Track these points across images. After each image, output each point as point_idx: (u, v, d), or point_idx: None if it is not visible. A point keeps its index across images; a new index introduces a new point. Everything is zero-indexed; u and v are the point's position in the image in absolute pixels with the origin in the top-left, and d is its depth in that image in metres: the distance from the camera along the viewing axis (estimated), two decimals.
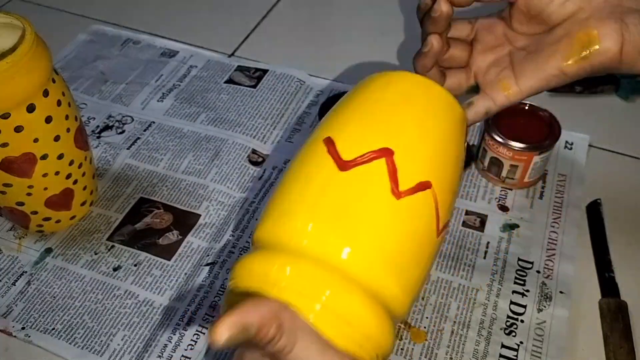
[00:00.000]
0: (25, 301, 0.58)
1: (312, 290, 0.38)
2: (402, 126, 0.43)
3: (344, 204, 0.41)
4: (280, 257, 0.40)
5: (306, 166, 0.44)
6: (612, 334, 0.54)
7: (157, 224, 0.64)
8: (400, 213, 0.41)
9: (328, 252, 0.39)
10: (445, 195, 0.43)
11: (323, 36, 0.89)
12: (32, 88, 0.52)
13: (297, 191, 0.42)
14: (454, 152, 0.45)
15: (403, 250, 0.41)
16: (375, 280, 0.40)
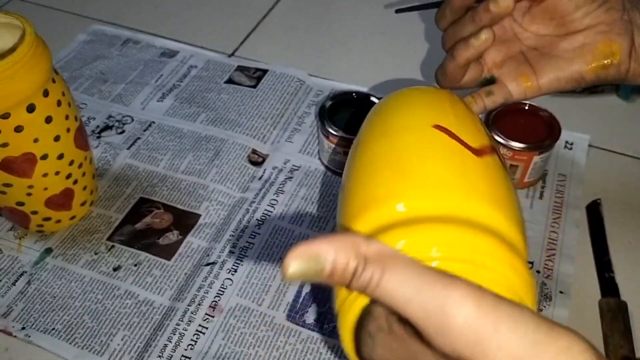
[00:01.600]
0: (26, 301, 0.58)
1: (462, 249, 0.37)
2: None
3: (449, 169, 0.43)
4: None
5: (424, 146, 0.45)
6: (612, 334, 0.54)
7: (157, 224, 0.64)
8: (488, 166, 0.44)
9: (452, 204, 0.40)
10: None
11: (323, 36, 0.89)
12: (32, 88, 0.52)
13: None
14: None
15: (503, 194, 0.42)
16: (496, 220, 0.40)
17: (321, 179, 0.68)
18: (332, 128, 0.64)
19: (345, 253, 0.29)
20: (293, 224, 0.64)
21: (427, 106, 0.49)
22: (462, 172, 0.42)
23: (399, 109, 0.50)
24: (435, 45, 0.86)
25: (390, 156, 0.44)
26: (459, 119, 0.47)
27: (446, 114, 0.47)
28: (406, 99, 0.51)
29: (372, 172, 0.44)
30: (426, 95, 0.52)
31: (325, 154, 0.67)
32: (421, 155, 0.43)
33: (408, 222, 0.39)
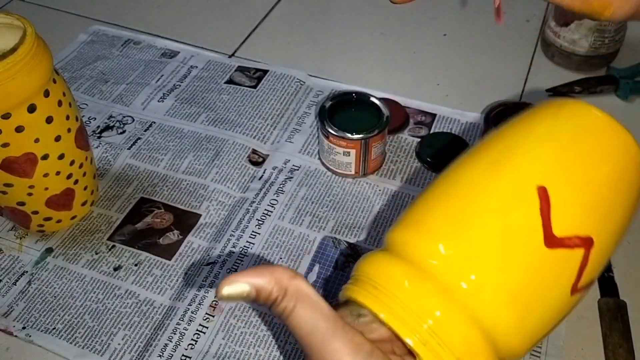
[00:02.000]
0: (26, 301, 0.58)
1: (419, 313, 0.38)
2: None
3: (492, 238, 0.39)
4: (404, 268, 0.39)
5: (504, 207, 0.40)
6: (611, 334, 0.54)
7: (158, 223, 0.64)
8: (542, 261, 0.39)
9: (459, 285, 0.38)
10: (599, 255, 0.41)
11: (323, 36, 0.89)
12: (32, 88, 0.52)
13: (477, 220, 0.40)
14: (631, 211, 0.43)
15: (531, 299, 0.39)
16: (494, 318, 0.38)
17: (321, 179, 0.68)
18: (332, 128, 0.64)
19: (270, 284, 0.35)
20: (293, 224, 0.64)
21: (561, 149, 0.42)
22: (513, 264, 0.38)
23: (531, 139, 0.43)
24: (435, 45, 0.86)
25: (469, 194, 0.41)
26: (579, 190, 0.40)
27: (570, 175, 0.40)
28: (555, 125, 0.44)
29: (448, 195, 0.42)
30: (581, 129, 0.43)
31: (325, 154, 0.67)
32: (492, 217, 0.39)
33: (426, 272, 0.39)
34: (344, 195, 0.66)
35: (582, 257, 0.39)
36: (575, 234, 0.39)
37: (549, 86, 0.77)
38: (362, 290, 0.40)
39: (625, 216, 0.43)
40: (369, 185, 0.67)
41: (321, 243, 0.62)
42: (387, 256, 0.41)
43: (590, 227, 0.40)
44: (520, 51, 0.84)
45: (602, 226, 0.41)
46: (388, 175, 0.68)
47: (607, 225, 0.41)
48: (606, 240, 0.41)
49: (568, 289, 0.40)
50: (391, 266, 0.40)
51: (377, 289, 0.39)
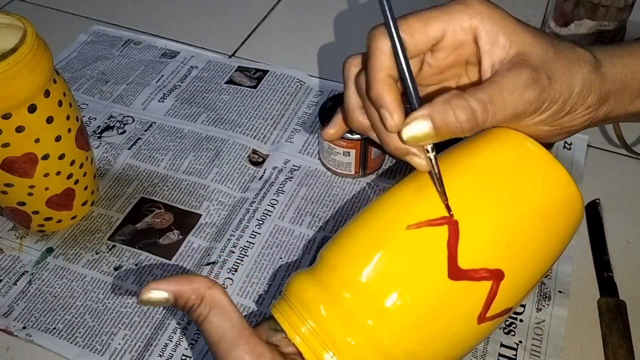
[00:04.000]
0: (27, 301, 0.59)
1: (329, 340, 0.40)
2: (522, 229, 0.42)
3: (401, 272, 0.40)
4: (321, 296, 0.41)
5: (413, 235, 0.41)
6: (610, 334, 0.54)
7: (158, 223, 0.64)
8: (446, 293, 0.40)
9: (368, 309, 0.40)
10: (514, 287, 0.42)
11: (323, 36, 0.89)
12: (33, 88, 0.52)
13: (382, 242, 0.41)
14: (556, 247, 0.44)
15: (434, 328, 0.40)
16: (397, 346, 0.40)
17: (321, 179, 0.68)
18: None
19: (188, 292, 0.39)
20: (293, 224, 0.64)
21: (482, 181, 0.42)
22: (417, 295, 0.40)
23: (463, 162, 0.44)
24: None
25: (385, 222, 0.42)
26: (493, 223, 0.41)
27: (485, 209, 0.41)
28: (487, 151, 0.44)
29: (369, 222, 0.43)
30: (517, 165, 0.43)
31: (325, 154, 0.67)
32: (402, 249, 0.41)
33: (338, 302, 0.41)
34: (344, 195, 0.67)
35: (489, 288, 0.40)
36: (483, 267, 0.40)
37: None
38: (280, 308, 0.42)
39: (548, 249, 0.43)
40: (369, 185, 0.67)
41: (321, 243, 0.62)
42: (309, 280, 0.42)
43: (501, 260, 0.40)
44: None
45: (516, 259, 0.41)
46: (388, 175, 0.69)
47: (522, 259, 0.42)
48: (522, 272, 0.42)
49: (474, 319, 0.41)
50: (308, 291, 0.42)
51: (291, 309, 0.41)
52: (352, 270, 0.41)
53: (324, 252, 0.44)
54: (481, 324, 0.41)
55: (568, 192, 0.44)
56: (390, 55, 0.41)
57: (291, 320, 0.41)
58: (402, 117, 0.40)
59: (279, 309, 0.42)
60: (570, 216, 0.44)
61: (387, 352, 0.40)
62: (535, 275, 0.43)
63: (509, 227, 0.41)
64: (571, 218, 0.44)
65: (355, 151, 0.65)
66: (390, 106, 0.40)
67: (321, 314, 0.40)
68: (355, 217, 0.45)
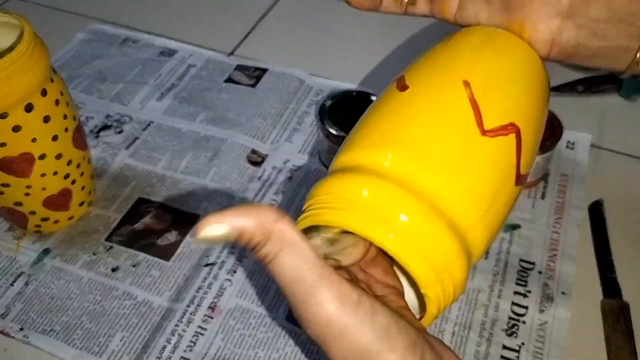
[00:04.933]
0: (24, 302, 0.58)
1: (388, 215, 0.37)
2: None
3: (436, 137, 0.40)
4: (361, 178, 0.39)
5: (440, 108, 0.42)
6: (614, 335, 0.54)
7: (156, 224, 0.64)
8: (484, 150, 0.40)
9: (415, 177, 0.39)
10: (530, 142, 0.43)
11: (323, 35, 0.88)
12: (30, 87, 0.52)
13: (421, 125, 0.41)
14: (542, 107, 0.46)
15: (486, 188, 0.40)
16: (459, 211, 0.39)
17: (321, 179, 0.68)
18: (332, 128, 0.64)
19: (253, 227, 0.33)
20: None
21: (478, 52, 0.45)
22: (456, 150, 0.40)
23: (450, 46, 0.46)
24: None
25: (404, 103, 0.42)
26: (498, 85, 0.43)
27: (488, 73, 0.43)
28: (469, 37, 0.47)
29: (383, 112, 0.43)
30: (493, 41, 0.46)
31: (325, 154, 0.67)
32: (429, 116, 0.41)
33: (381, 175, 0.39)
34: None
35: (515, 142, 0.41)
36: (508, 122, 0.41)
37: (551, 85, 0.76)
38: (327, 211, 0.39)
39: (539, 103, 0.45)
40: None
41: None
42: (339, 174, 0.40)
43: (517, 115, 0.42)
44: None
45: (524, 113, 0.43)
46: None
47: (527, 112, 0.43)
48: (529, 125, 0.43)
49: (513, 176, 0.42)
50: (347, 180, 0.39)
51: (339, 204, 0.38)
52: (384, 148, 0.40)
53: (345, 155, 0.42)
54: (518, 183, 0.42)
55: (536, 61, 0.46)
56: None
57: (345, 213, 0.38)
58: None
59: (323, 212, 0.39)
60: (543, 78, 0.47)
61: (446, 214, 0.39)
62: (538, 129, 0.45)
63: (514, 85, 0.43)
64: (543, 82, 0.47)
65: None
66: None
67: (368, 195, 0.38)
68: (366, 118, 0.44)
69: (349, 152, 0.42)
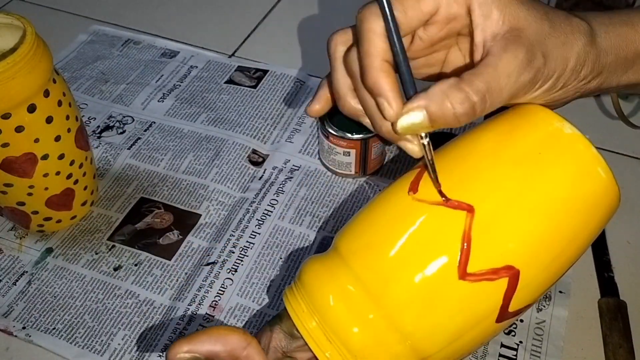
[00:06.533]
0: (26, 301, 0.58)
1: (342, 329, 0.39)
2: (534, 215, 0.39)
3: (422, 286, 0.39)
4: (334, 283, 0.41)
5: (430, 230, 0.39)
6: (611, 334, 0.54)
7: (158, 223, 0.64)
8: (456, 294, 0.38)
9: (382, 299, 0.40)
10: (534, 283, 0.40)
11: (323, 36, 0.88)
12: (32, 88, 0.52)
13: (401, 238, 0.40)
14: (581, 241, 0.41)
15: (451, 326, 0.39)
16: (418, 340, 0.40)
17: (321, 179, 0.68)
18: (332, 128, 0.64)
19: (223, 353, 0.38)
20: (293, 224, 0.64)
21: (512, 162, 0.40)
22: (426, 287, 0.38)
23: (482, 141, 0.43)
24: None
25: (403, 212, 0.41)
26: (514, 216, 0.39)
27: (510, 197, 0.39)
28: (517, 134, 0.42)
29: (383, 213, 0.43)
30: (548, 147, 0.41)
31: (325, 154, 0.67)
32: (415, 241, 0.40)
33: (354, 283, 0.40)
34: (344, 195, 0.66)
35: (505, 287, 0.38)
36: (497, 266, 0.38)
37: None
38: (295, 306, 0.41)
39: (574, 244, 0.41)
40: (368, 185, 0.67)
41: (321, 243, 0.62)
42: (326, 269, 0.42)
43: (519, 258, 0.38)
44: None
45: (536, 257, 0.39)
46: (388, 175, 0.68)
47: (542, 257, 0.39)
48: (544, 264, 0.40)
49: (492, 320, 0.40)
50: (325, 283, 0.41)
51: (307, 304, 0.41)
52: (362, 265, 0.40)
53: (337, 241, 0.43)
54: (500, 322, 0.40)
55: (603, 183, 0.41)
56: (383, 37, 0.39)
57: (302, 318, 0.40)
58: (400, 106, 0.38)
59: (292, 308, 0.41)
60: (604, 208, 0.42)
61: (394, 351, 0.39)
62: (557, 271, 0.41)
63: (529, 222, 0.39)
64: (604, 210, 0.42)
65: (355, 151, 0.65)
66: (388, 95, 0.38)
67: (330, 305, 0.40)
68: (369, 206, 0.44)
69: (347, 239, 0.43)
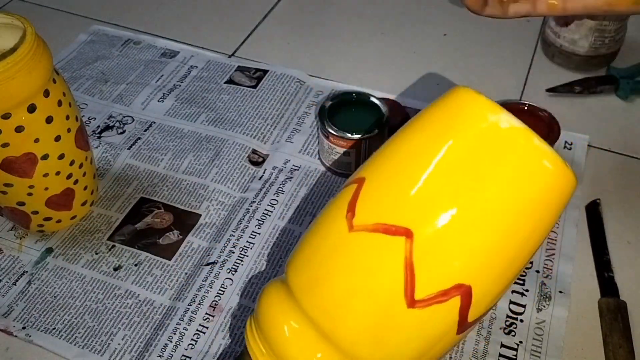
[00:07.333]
0: (26, 301, 0.58)
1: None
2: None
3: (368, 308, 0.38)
4: (285, 319, 0.42)
5: (367, 253, 0.38)
6: (611, 334, 0.54)
7: (158, 223, 0.64)
8: (407, 322, 0.38)
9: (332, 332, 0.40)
10: (489, 292, 0.38)
11: (323, 36, 0.89)
12: (32, 88, 0.52)
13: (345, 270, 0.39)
14: (533, 239, 0.39)
15: (407, 352, 0.39)
16: None
17: (321, 179, 0.68)
18: (332, 128, 0.64)
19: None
20: (293, 224, 0.64)
21: (451, 171, 0.37)
22: (374, 320, 0.38)
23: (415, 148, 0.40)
24: (435, 45, 0.86)
25: (342, 245, 0.40)
26: (459, 233, 0.36)
27: (448, 215, 0.36)
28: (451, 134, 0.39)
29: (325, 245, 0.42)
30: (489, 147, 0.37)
31: (325, 154, 0.67)
32: (357, 274, 0.39)
33: (305, 316, 0.41)
34: None
35: (459, 305, 0.37)
36: (453, 284, 0.36)
37: (549, 86, 0.77)
38: (253, 345, 0.43)
39: (526, 241, 0.38)
40: None
41: None
42: (279, 305, 0.43)
43: (469, 275, 0.37)
44: (520, 51, 0.84)
45: (486, 268, 0.37)
46: None
47: (499, 259, 0.37)
48: (496, 275, 0.38)
49: (453, 331, 0.39)
50: (278, 322, 0.42)
51: (264, 340, 0.42)
52: (310, 303, 0.41)
53: (288, 271, 0.44)
54: (462, 333, 0.40)
55: (552, 175, 0.37)
56: None
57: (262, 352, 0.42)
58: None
59: (250, 342, 0.43)
60: (557, 199, 0.38)
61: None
62: (515, 272, 0.39)
63: (474, 235, 0.36)
64: (558, 200, 0.38)
65: (355, 151, 0.65)
66: None
67: (285, 338, 0.41)
68: (312, 230, 0.44)
69: (295, 271, 0.43)
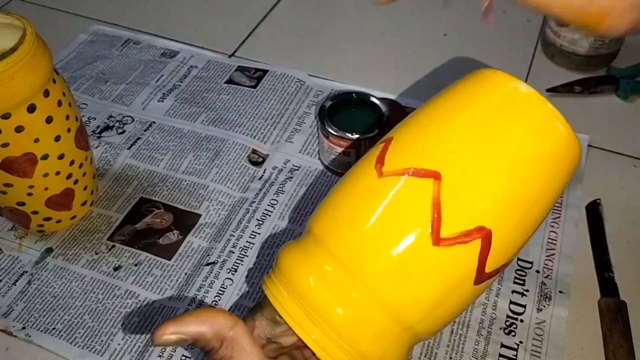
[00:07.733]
0: (26, 301, 0.58)
1: (325, 309, 0.39)
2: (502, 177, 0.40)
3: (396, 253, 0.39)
4: (312, 265, 0.40)
5: (399, 198, 0.40)
6: (611, 334, 0.54)
7: (158, 223, 0.64)
8: (433, 261, 0.39)
9: (359, 273, 0.39)
10: (506, 242, 0.40)
11: (323, 36, 0.89)
12: (32, 88, 0.52)
13: (371, 210, 0.40)
14: (546, 195, 0.42)
15: (431, 294, 0.40)
16: (400, 311, 0.40)
17: (321, 179, 0.68)
18: (332, 128, 0.64)
19: (210, 334, 0.38)
20: (293, 224, 0.64)
21: (474, 126, 0.41)
22: (401, 257, 0.39)
23: (444, 108, 0.43)
24: (435, 45, 0.86)
25: (373, 189, 0.41)
26: (481, 178, 0.40)
27: (474, 160, 0.40)
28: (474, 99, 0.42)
29: (354, 190, 0.43)
30: (506, 109, 0.41)
31: (325, 154, 0.67)
32: (386, 215, 0.40)
33: (332, 262, 0.40)
34: None
35: (479, 250, 0.39)
36: (469, 228, 0.39)
37: (549, 86, 0.77)
38: (275, 292, 0.41)
39: (541, 200, 0.41)
40: None
41: None
42: (302, 252, 0.41)
43: (489, 218, 0.39)
44: (520, 51, 0.84)
45: (506, 217, 0.40)
46: None
47: (512, 216, 0.40)
48: (514, 221, 0.40)
49: (470, 282, 0.40)
50: (303, 266, 0.41)
51: (287, 289, 0.40)
52: (337, 244, 0.40)
53: (311, 224, 0.43)
54: (478, 284, 0.41)
55: (563, 137, 0.41)
56: None
57: (284, 303, 0.40)
58: None
59: (272, 294, 0.41)
60: (566, 161, 0.42)
61: (378, 324, 0.39)
62: (528, 228, 0.42)
63: (495, 181, 0.40)
64: (567, 163, 0.42)
65: (355, 151, 0.65)
66: None
67: (310, 287, 0.39)
68: (339, 186, 0.44)
69: (320, 221, 0.43)
